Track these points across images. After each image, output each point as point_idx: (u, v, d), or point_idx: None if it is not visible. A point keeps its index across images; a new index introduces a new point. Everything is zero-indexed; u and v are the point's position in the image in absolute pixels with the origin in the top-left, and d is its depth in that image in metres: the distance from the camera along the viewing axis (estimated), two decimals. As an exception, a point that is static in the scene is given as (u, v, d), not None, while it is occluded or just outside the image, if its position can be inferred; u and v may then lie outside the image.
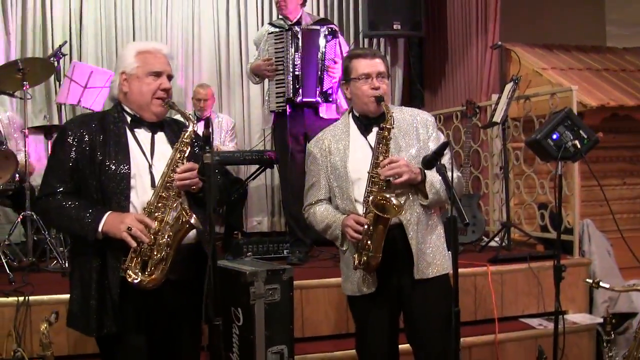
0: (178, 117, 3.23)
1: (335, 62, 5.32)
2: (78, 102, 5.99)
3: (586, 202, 5.99)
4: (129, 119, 3.01)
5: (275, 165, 6.00)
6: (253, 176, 6.61)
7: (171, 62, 3.10)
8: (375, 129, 3.32)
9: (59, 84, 6.00)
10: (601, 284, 3.93)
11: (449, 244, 2.99)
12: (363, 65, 3.35)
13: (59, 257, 5.14)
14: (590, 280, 3.93)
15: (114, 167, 2.86)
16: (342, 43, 5.55)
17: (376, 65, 3.36)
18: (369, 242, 3.15)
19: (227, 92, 7.62)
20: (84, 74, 5.93)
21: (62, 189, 2.88)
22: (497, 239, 5.81)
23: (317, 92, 5.32)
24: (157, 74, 2.98)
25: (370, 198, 3.17)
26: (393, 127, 3.23)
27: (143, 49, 3.03)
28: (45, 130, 5.66)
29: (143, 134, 3.00)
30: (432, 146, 3.31)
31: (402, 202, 3.19)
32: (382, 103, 3.27)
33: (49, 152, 5.61)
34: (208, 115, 6.63)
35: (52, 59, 5.90)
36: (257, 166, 6.62)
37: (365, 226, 3.15)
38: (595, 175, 4.45)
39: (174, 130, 3.02)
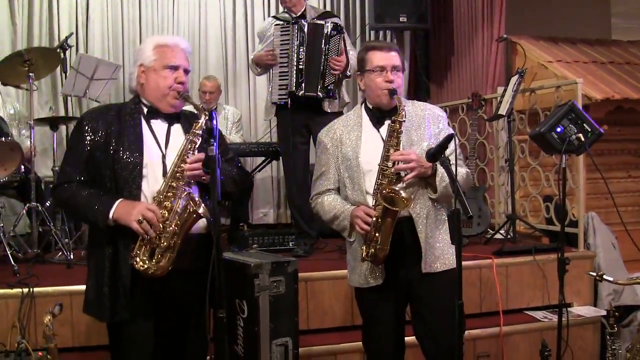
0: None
1: (337, 57, 5.31)
2: (84, 94, 6.00)
3: (591, 194, 5.98)
4: (145, 110, 3.08)
5: (280, 157, 6.01)
6: (259, 168, 6.63)
7: (189, 56, 3.17)
8: (387, 122, 3.34)
9: (65, 76, 6.01)
10: (605, 276, 3.94)
11: (453, 237, 2.99)
12: (378, 58, 3.37)
13: (64, 249, 5.16)
14: (595, 273, 3.93)
15: (126, 157, 2.94)
16: (346, 38, 5.55)
17: (391, 58, 3.37)
18: (377, 234, 3.16)
19: (233, 84, 7.63)
20: (90, 65, 5.94)
21: (77, 178, 2.98)
22: (502, 231, 5.81)
23: (319, 86, 5.31)
24: (174, 68, 3.06)
25: (380, 190, 3.18)
26: (405, 121, 3.24)
27: (161, 42, 3.11)
28: (51, 122, 5.67)
29: (159, 125, 3.08)
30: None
31: (412, 195, 3.19)
32: (395, 96, 3.28)
33: (56, 143, 5.66)
34: (213, 108, 6.63)
35: (58, 50, 5.91)
36: (263, 158, 6.65)
37: (374, 218, 3.16)
38: (599, 169, 4.44)
39: (191, 123, 3.04)
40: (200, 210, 2.84)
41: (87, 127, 3.00)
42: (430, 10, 7.23)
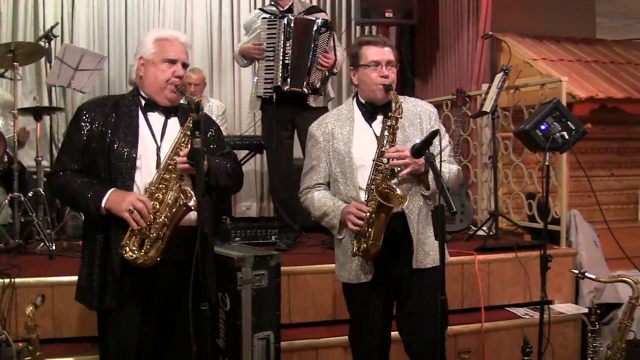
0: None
1: (326, 55, 5.29)
2: (68, 84, 5.96)
3: (574, 192, 6.02)
4: (143, 102, 3.13)
5: (264, 151, 5.99)
6: (243, 161, 6.61)
7: (189, 50, 3.22)
8: (379, 117, 3.35)
9: (50, 66, 5.97)
10: (587, 274, 3.97)
11: (436, 233, 3.00)
12: (373, 53, 3.36)
13: (46, 240, 5.12)
14: (576, 271, 3.96)
15: (121, 148, 2.99)
16: (334, 36, 5.53)
17: (386, 53, 3.37)
18: (370, 229, 3.16)
19: (218, 77, 7.62)
20: (75, 56, 5.90)
21: (73, 166, 3.04)
22: (485, 228, 5.83)
23: (305, 82, 5.28)
24: (172, 61, 3.10)
25: (374, 186, 3.18)
26: (402, 117, 3.25)
27: (161, 36, 3.16)
28: (35, 112, 5.64)
29: (156, 118, 3.13)
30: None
31: (406, 192, 3.19)
32: (390, 92, 3.28)
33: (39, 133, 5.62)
34: (198, 100, 6.59)
35: (43, 40, 5.87)
36: (247, 151, 6.64)
37: (367, 214, 3.16)
38: (582, 167, 4.47)
39: (188, 116, 3.06)
40: (191, 203, 2.85)
41: (85, 117, 3.05)
42: (416, 6, 7.23)
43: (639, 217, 6.62)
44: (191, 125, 2.89)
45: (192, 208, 2.85)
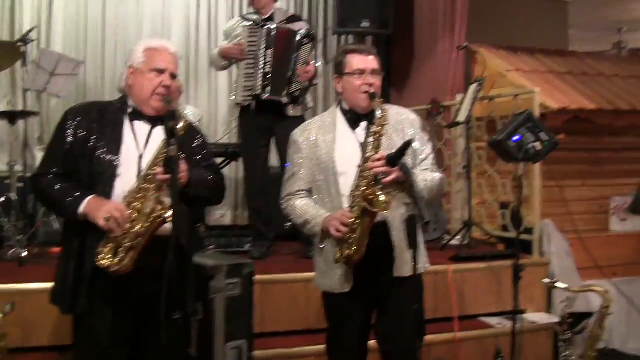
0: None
1: (307, 66, 5.29)
2: (44, 89, 5.91)
3: (546, 202, 6.06)
4: (130, 110, 3.14)
5: (239, 159, 5.98)
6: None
7: (179, 61, 3.24)
8: (363, 124, 3.35)
9: (26, 70, 5.92)
10: (558, 284, 4.01)
11: (410, 242, 3.02)
12: (358, 61, 3.36)
13: (17, 246, 5.05)
14: (549, 280, 3.99)
15: (104, 154, 3.01)
16: (315, 47, 5.54)
17: (370, 61, 3.37)
18: (353, 236, 3.15)
19: (195, 85, 7.57)
20: (51, 60, 5.85)
21: (54, 171, 3.06)
22: (458, 237, 5.85)
23: (285, 92, 5.28)
24: (160, 71, 3.11)
25: (359, 192, 3.17)
26: (387, 124, 3.24)
27: (151, 45, 3.20)
28: (10, 116, 5.59)
29: (142, 126, 3.14)
30: (418, 145, 3.38)
31: (391, 199, 3.18)
32: (375, 100, 3.27)
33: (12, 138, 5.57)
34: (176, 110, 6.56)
35: (19, 43, 5.81)
36: (223, 158, 6.62)
37: (351, 220, 3.15)
38: (555, 177, 4.51)
39: None
40: (167, 215, 2.85)
41: (70, 122, 3.07)
42: (392, 16, 7.26)
43: (610, 227, 6.68)
44: (166, 132, 2.89)
45: (168, 220, 2.84)
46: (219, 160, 6.60)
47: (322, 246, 3.37)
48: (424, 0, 7.36)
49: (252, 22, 5.39)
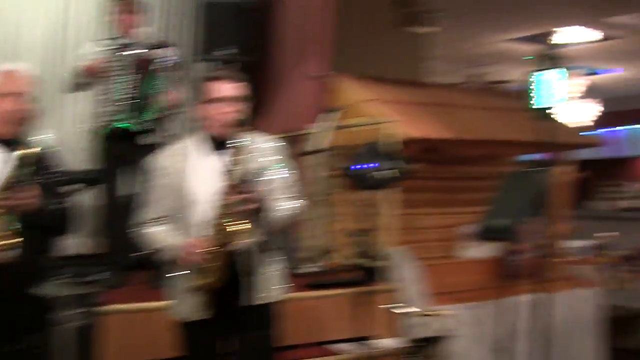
0: None
1: (166, 94, 5.25)
2: None
3: (401, 229, 6.20)
4: None
5: (95, 185, 5.86)
6: (73, 195, 6.41)
7: (35, 83, 3.27)
8: (222, 152, 3.34)
9: None
10: (408, 309, 4.11)
11: (254, 270, 3.06)
12: (219, 89, 3.37)
13: None
14: (400, 305, 4.09)
15: None
16: (177, 75, 5.49)
17: (234, 88, 3.39)
18: (209, 265, 3.15)
19: (50, 110, 7.34)
20: None
21: None
22: (314, 264, 5.91)
23: (141, 120, 5.23)
24: (14, 94, 3.13)
25: (217, 221, 3.17)
26: (247, 152, 3.25)
27: (5, 70, 3.21)
28: None
29: None
30: (277, 173, 3.46)
31: (246, 227, 3.19)
32: (235, 127, 3.28)
33: None
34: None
35: None
36: (78, 185, 6.45)
37: (206, 249, 3.15)
38: (413, 204, 4.62)
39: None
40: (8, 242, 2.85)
41: None
42: (257, 44, 7.30)
43: (461, 253, 6.88)
44: (18, 160, 2.93)
45: (6, 248, 2.84)
46: (75, 187, 6.44)
47: (176, 274, 3.34)
48: (288, 29, 7.43)
49: (112, 46, 5.30)
